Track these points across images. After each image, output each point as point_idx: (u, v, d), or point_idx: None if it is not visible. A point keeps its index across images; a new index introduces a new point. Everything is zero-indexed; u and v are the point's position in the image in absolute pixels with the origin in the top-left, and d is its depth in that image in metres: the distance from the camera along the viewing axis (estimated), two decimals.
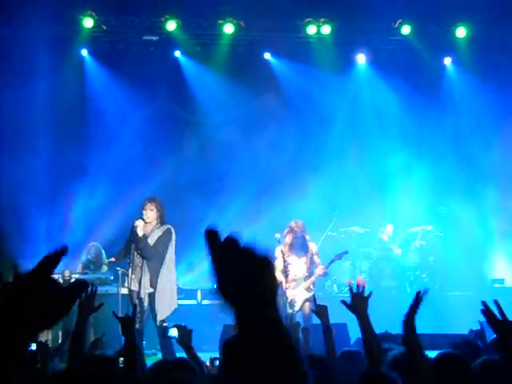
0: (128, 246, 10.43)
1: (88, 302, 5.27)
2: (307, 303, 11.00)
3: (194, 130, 14.87)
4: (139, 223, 10.24)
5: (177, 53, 14.86)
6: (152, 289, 10.23)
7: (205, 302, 13.25)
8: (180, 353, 7.15)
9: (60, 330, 9.84)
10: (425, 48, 14.50)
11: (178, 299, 10.73)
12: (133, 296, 10.34)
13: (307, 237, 11.33)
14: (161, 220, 10.37)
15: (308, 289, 11.23)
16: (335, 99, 14.70)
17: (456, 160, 14.95)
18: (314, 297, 6.27)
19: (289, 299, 11.21)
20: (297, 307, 11.15)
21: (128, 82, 14.49)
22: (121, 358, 5.08)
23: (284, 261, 11.18)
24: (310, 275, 11.26)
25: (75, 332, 5.11)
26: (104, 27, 13.97)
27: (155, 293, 10.24)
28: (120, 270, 11.33)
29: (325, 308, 5.70)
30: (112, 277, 11.89)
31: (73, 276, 11.35)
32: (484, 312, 3.60)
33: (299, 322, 7.91)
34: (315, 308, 5.81)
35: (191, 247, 13.22)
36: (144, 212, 10.32)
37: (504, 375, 3.90)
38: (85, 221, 14.11)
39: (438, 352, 4.50)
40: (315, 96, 14.77)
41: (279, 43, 14.55)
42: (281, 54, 14.92)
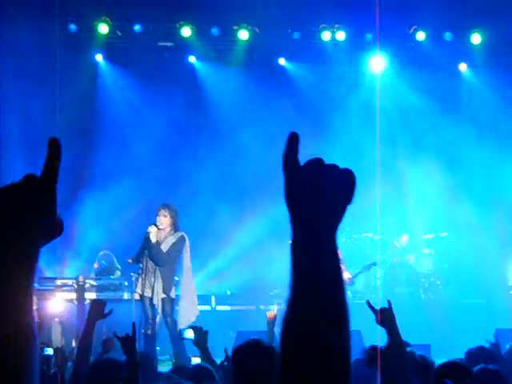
0: (142, 251, 10.45)
1: (97, 307, 5.29)
2: None
3: (210, 135, 14.85)
4: (152, 229, 10.24)
5: (191, 59, 14.87)
6: (164, 294, 10.24)
7: (219, 308, 13.24)
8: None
9: (74, 338, 9.88)
10: (440, 54, 14.47)
11: None
12: (145, 302, 10.36)
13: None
14: (174, 227, 10.37)
15: None
16: (350, 104, 14.64)
17: (471, 166, 14.88)
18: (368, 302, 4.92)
19: None
20: None
21: (143, 88, 14.53)
22: None
23: None
24: None
25: (83, 334, 5.15)
26: (119, 33, 14.02)
27: (170, 299, 10.29)
28: (134, 276, 11.34)
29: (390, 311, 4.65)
30: (126, 282, 11.90)
31: (87, 281, 11.38)
32: None
33: None
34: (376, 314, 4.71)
35: (207, 251, 13.26)
36: (158, 218, 10.33)
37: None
38: (98, 225, 14.10)
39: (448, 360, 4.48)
40: (331, 100, 14.72)
41: (294, 49, 14.57)
42: (295, 60, 14.93)
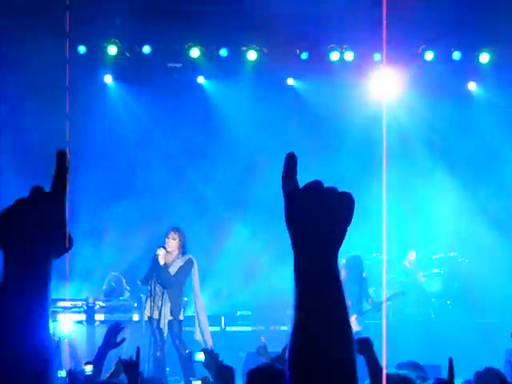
0: (150, 273, 10.49)
1: (110, 337, 5.28)
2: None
3: (219, 155, 14.84)
4: (161, 251, 10.27)
5: (200, 79, 14.93)
6: (172, 317, 10.29)
7: (228, 329, 13.21)
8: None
9: (83, 360, 9.86)
10: (448, 73, 14.45)
11: None
12: (153, 324, 10.40)
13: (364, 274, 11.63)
14: (183, 250, 10.42)
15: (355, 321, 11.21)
16: (359, 123, 14.55)
17: (481, 184, 14.84)
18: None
19: None
20: None
21: (152, 108, 14.59)
22: None
23: None
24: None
25: (94, 363, 5.14)
26: (127, 54, 14.06)
27: (179, 321, 10.37)
28: (143, 297, 11.34)
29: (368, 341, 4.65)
30: (136, 303, 11.88)
31: (96, 303, 11.36)
32: None
33: None
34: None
35: (216, 270, 13.26)
36: (167, 240, 10.36)
37: None
38: (109, 245, 14.11)
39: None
40: (339, 119, 14.70)
41: (302, 69, 14.59)
42: (303, 80, 14.96)
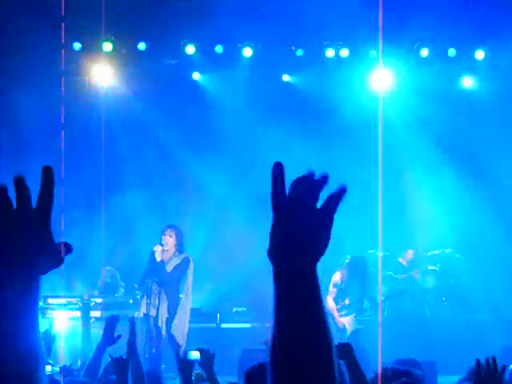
0: (146, 273, 10.54)
1: (109, 332, 5.29)
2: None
3: (215, 151, 14.84)
4: (157, 248, 10.29)
5: (196, 75, 14.92)
6: (169, 315, 10.33)
7: (224, 326, 13.20)
8: None
9: (79, 357, 9.89)
10: (443, 69, 14.45)
11: (198, 322, 10.91)
12: (150, 321, 10.40)
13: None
14: (179, 248, 10.43)
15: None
16: (355, 119, 14.52)
17: (477, 180, 14.87)
18: None
19: (339, 326, 10.97)
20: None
21: (147, 104, 14.55)
22: None
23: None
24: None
25: (92, 360, 5.15)
26: (123, 51, 14.02)
27: (174, 319, 10.36)
28: (139, 294, 11.34)
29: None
30: (131, 300, 11.87)
31: (91, 300, 11.35)
32: None
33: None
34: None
35: (212, 267, 13.24)
36: (163, 238, 10.38)
37: None
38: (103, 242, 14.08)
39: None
40: (335, 115, 14.67)
41: (297, 66, 14.59)
42: (299, 76, 14.96)
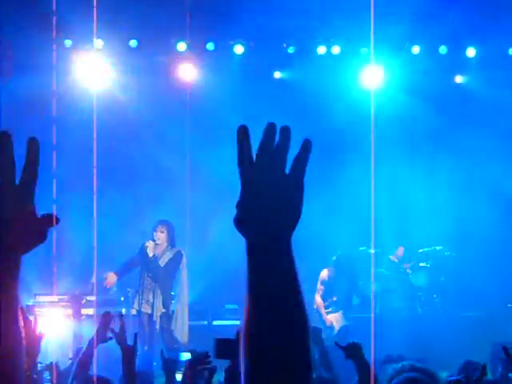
0: (132, 266, 10.54)
1: (106, 321, 5.28)
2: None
3: (205, 149, 14.80)
4: (149, 244, 10.31)
5: (187, 73, 14.86)
6: (165, 309, 10.31)
7: (215, 323, 13.21)
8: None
9: (69, 354, 9.84)
10: (435, 67, 14.46)
11: (189, 320, 10.93)
12: (142, 317, 10.40)
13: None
14: (171, 242, 10.45)
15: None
16: (346, 115, 14.49)
17: (469, 177, 14.89)
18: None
19: (327, 323, 11.14)
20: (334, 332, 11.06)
21: (138, 102, 14.50)
22: None
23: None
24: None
25: (82, 357, 5.13)
26: (114, 48, 13.97)
27: (169, 314, 10.37)
28: (130, 291, 11.33)
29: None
30: (122, 297, 11.85)
31: (84, 297, 11.33)
32: None
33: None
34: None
35: (203, 264, 13.21)
36: (155, 233, 10.39)
37: None
38: (92, 238, 14.01)
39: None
40: (326, 112, 14.65)
41: (289, 63, 14.59)
42: (290, 73, 14.95)
